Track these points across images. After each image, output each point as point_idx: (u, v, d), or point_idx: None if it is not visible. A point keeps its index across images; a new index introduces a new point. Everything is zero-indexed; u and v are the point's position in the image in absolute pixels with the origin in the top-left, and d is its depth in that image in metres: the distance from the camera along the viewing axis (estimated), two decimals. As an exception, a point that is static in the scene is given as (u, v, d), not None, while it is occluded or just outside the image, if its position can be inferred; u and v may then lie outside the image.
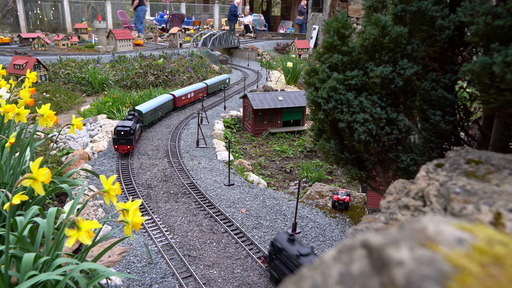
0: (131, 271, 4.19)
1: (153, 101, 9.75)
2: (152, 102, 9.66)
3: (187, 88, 11.97)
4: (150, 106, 9.34)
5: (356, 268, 0.63)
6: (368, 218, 1.74)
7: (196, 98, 12.22)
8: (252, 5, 35.87)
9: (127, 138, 7.32)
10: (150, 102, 9.60)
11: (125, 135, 7.28)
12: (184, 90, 11.62)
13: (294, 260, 3.67)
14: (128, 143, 7.33)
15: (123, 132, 7.23)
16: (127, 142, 7.33)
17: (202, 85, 12.70)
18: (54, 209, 3.23)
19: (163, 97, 10.40)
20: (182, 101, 11.42)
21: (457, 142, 3.22)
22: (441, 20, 2.86)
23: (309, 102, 3.49)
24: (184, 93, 11.47)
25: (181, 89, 11.68)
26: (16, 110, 3.59)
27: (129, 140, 7.32)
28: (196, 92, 12.15)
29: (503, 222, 1.16)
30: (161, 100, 10.03)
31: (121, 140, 7.25)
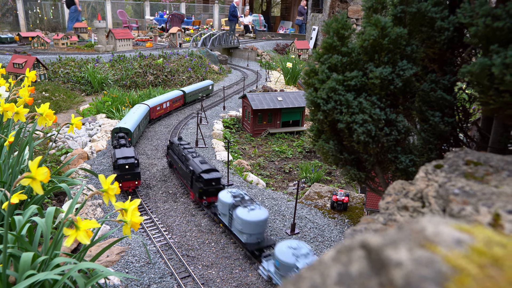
0: (130, 271, 4.19)
1: (133, 114, 8.34)
2: (133, 116, 8.24)
3: (162, 96, 10.31)
4: (134, 121, 7.98)
5: (355, 268, 0.63)
6: (367, 219, 1.74)
7: (172, 108, 10.60)
8: (252, 6, 35.88)
9: (134, 172, 5.89)
10: (132, 116, 8.21)
11: (131, 169, 5.84)
12: (158, 99, 9.98)
13: (178, 151, 6.29)
14: (135, 177, 5.92)
15: (127, 165, 5.76)
16: (134, 176, 5.90)
17: (178, 93, 11.04)
18: (53, 209, 3.22)
19: (141, 108, 8.93)
20: (157, 112, 9.79)
21: (456, 143, 3.22)
22: (440, 21, 2.87)
23: (308, 102, 3.49)
24: (159, 103, 9.80)
25: (156, 98, 10.02)
26: (15, 109, 3.58)
27: (136, 174, 5.91)
28: (172, 101, 10.55)
29: (501, 223, 1.16)
30: (141, 113, 8.65)
31: (126, 175, 5.79)
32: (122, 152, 6.08)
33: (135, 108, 8.85)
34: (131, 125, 7.67)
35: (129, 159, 5.89)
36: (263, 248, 4.52)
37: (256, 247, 4.48)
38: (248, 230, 4.49)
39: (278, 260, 3.86)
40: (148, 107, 9.22)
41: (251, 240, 4.52)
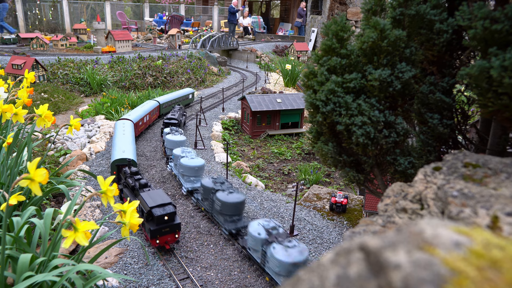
0: (128, 272, 4.18)
1: (124, 136, 6.95)
2: (126, 138, 6.87)
3: (140, 109, 8.98)
4: (130, 144, 6.69)
5: (354, 271, 0.63)
6: (366, 221, 1.74)
7: (150, 121, 9.39)
8: (251, 7, 35.94)
9: (174, 223, 4.52)
10: (126, 139, 6.82)
11: (171, 219, 4.50)
12: (138, 112, 8.69)
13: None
14: (175, 228, 4.52)
15: (167, 216, 4.44)
16: (174, 228, 4.52)
17: (153, 104, 9.66)
18: (51, 210, 3.22)
19: (127, 126, 7.56)
20: (140, 128, 8.59)
21: (455, 145, 3.23)
22: (439, 24, 2.87)
23: (307, 104, 3.50)
24: (141, 117, 8.61)
25: (136, 112, 8.68)
26: (14, 110, 3.58)
27: (176, 225, 4.53)
28: (151, 113, 9.36)
29: (500, 225, 1.16)
30: (130, 131, 7.36)
31: (164, 228, 4.42)
32: (152, 197, 4.63)
33: (121, 127, 7.41)
34: (131, 152, 6.38)
35: (166, 206, 4.51)
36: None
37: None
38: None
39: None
40: (132, 123, 7.88)
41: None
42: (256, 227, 4.24)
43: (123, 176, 5.52)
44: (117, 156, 6.12)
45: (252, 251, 4.32)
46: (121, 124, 7.68)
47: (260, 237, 4.12)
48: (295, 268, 3.77)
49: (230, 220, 4.94)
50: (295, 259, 3.76)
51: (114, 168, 5.96)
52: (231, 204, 4.88)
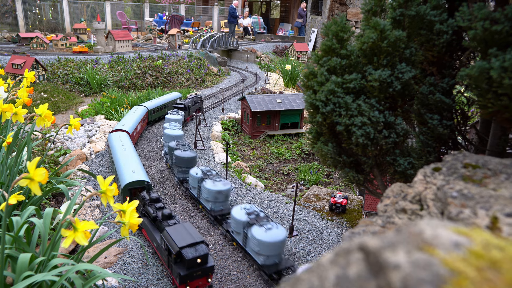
0: (127, 272, 4.18)
1: (126, 151, 6.07)
2: (130, 153, 6.02)
3: (132, 117, 8.11)
4: (137, 161, 5.84)
5: (353, 271, 0.63)
6: (365, 221, 1.74)
7: (141, 130, 8.74)
8: (251, 8, 35.94)
9: (207, 266, 3.82)
10: (129, 154, 5.97)
11: (204, 261, 3.79)
12: (132, 121, 7.91)
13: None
14: (207, 272, 3.84)
15: (200, 258, 3.74)
16: (206, 271, 3.83)
17: (143, 110, 8.79)
18: (51, 210, 3.21)
19: (125, 138, 6.68)
20: (135, 139, 7.93)
21: (455, 146, 3.23)
22: (439, 24, 2.88)
23: (307, 105, 3.50)
24: (135, 126, 7.85)
25: (129, 120, 7.92)
26: (13, 109, 3.58)
27: (210, 268, 3.83)
28: (141, 121, 8.59)
29: (499, 226, 1.16)
30: (130, 144, 6.47)
31: (195, 272, 3.75)
32: (181, 234, 3.86)
33: (119, 141, 6.47)
34: (142, 171, 5.45)
35: (198, 246, 3.77)
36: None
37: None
38: None
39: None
40: (128, 135, 7.10)
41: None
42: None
43: (141, 202, 4.79)
44: (129, 178, 5.13)
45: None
46: (117, 137, 6.67)
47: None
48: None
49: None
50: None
51: (127, 192, 5.05)
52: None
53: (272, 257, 4.12)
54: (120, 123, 7.71)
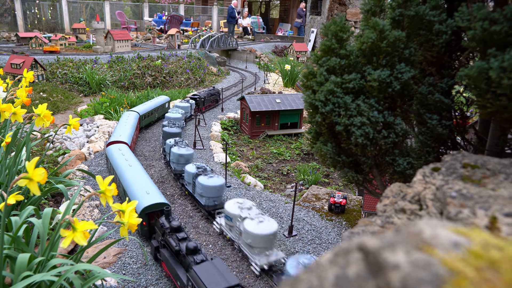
0: (127, 272, 4.17)
1: (133, 167, 5.44)
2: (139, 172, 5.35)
3: (126, 126, 7.39)
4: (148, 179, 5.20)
5: (352, 271, 0.63)
6: (365, 221, 1.74)
7: (137, 137, 8.25)
8: (250, 8, 35.94)
9: None
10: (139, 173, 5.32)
11: None
12: (128, 131, 7.20)
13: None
14: None
15: None
16: None
17: (134, 116, 8.13)
18: (50, 210, 3.21)
19: (128, 154, 5.95)
20: (132, 149, 7.16)
21: (454, 146, 3.23)
22: (438, 25, 2.88)
23: (306, 105, 3.50)
24: (132, 135, 7.24)
25: (124, 130, 7.16)
26: (12, 109, 3.58)
27: None
28: (136, 129, 8.05)
29: (498, 226, 1.16)
30: (134, 158, 5.88)
31: None
32: (212, 276, 3.25)
33: (120, 155, 5.83)
34: (156, 190, 4.87)
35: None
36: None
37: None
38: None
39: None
40: (128, 146, 6.48)
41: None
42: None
43: (160, 230, 4.18)
44: (146, 201, 4.49)
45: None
46: (117, 151, 5.98)
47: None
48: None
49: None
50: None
51: (144, 217, 4.42)
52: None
53: (212, 199, 5.22)
54: (116, 133, 6.94)
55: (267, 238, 4.18)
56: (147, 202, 4.49)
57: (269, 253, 4.26)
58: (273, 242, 4.29)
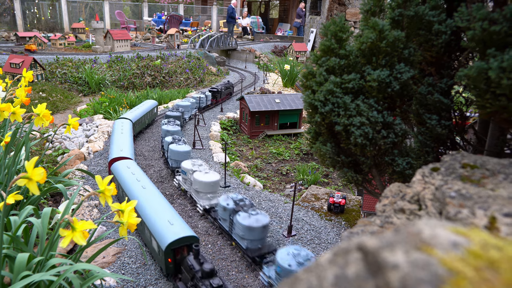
0: (126, 272, 4.17)
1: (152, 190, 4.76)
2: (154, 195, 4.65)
3: (123, 137, 6.81)
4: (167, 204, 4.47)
5: (352, 271, 0.63)
6: (364, 221, 1.74)
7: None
8: (250, 8, 35.93)
9: None
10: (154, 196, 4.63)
11: None
12: (126, 142, 6.62)
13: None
14: None
15: None
16: None
17: (128, 125, 7.59)
18: (49, 209, 3.21)
19: (138, 172, 5.30)
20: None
21: (453, 146, 3.24)
22: (438, 25, 2.88)
23: (306, 105, 3.50)
24: (132, 148, 6.63)
25: (124, 142, 6.55)
26: (11, 109, 3.57)
27: None
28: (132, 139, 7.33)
29: (497, 226, 1.16)
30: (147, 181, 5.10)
31: None
32: None
33: (129, 173, 5.21)
34: (179, 219, 4.18)
35: None
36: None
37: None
38: None
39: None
40: (135, 162, 5.86)
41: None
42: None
43: (188, 273, 3.63)
44: (171, 234, 3.85)
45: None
46: (125, 168, 5.36)
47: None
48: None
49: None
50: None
51: (169, 253, 3.81)
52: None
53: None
54: (116, 147, 6.30)
55: (209, 185, 5.28)
56: (172, 236, 3.84)
57: (211, 196, 5.41)
58: (215, 188, 5.40)
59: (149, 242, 4.27)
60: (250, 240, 4.35)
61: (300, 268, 3.49)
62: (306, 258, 3.61)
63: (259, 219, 4.33)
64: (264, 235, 4.38)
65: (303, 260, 3.57)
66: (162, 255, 3.84)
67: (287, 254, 3.63)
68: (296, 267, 3.50)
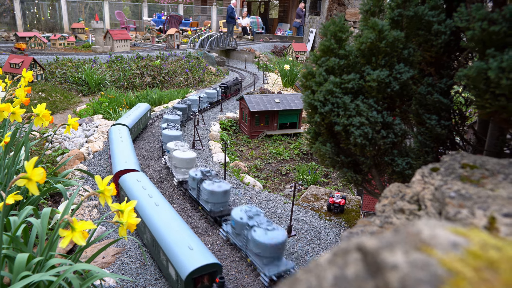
0: (125, 272, 4.17)
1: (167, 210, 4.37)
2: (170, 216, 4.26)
3: (125, 146, 6.44)
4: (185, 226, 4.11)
5: (351, 271, 0.63)
6: (363, 222, 1.74)
7: None
8: (249, 8, 35.93)
9: None
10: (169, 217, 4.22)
11: None
12: (128, 152, 6.25)
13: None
14: None
15: None
16: None
17: (126, 132, 7.19)
18: (49, 209, 3.21)
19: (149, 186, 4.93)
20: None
21: (453, 146, 3.24)
22: (437, 25, 2.88)
23: (305, 105, 3.50)
24: (136, 157, 6.30)
25: (125, 152, 6.16)
26: (11, 109, 3.57)
27: None
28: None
29: (497, 226, 1.16)
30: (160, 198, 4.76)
31: None
32: None
33: (141, 188, 4.82)
34: (200, 244, 3.84)
35: None
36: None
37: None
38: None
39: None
40: (144, 174, 5.56)
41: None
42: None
43: None
44: (192, 262, 3.51)
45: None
46: (135, 183, 4.94)
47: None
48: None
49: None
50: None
51: (190, 283, 3.47)
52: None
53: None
54: (120, 159, 5.91)
55: (185, 161, 5.98)
56: (193, 264, 3.49)
57: (185, 171, 6.03)
58: (190, 165, 6.01)
59: (164, 267, 3.92)
60: (213, 203, 5.07)
61: (250, 221, 4.21)
62: (255, 213, 4.35)
63: (221, 185, 5.09)
64: (225, 199, 5.11)
65: (253, 214, 4.30)
66: (182, 285, 3.46)
67: (240, 210, 4.40)
68: (246, 220, 4.23)
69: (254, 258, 4.17)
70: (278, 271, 4.02)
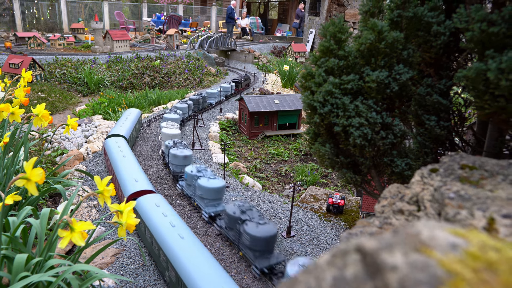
0: (124, 273, 4.17)
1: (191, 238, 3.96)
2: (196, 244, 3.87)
3: (131, 163, 5.83)
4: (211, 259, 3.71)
5: (350, 272, 0.63)
6: (363, 222, 1.74)
7: None
8: (249, 8, 35.94)
9: None
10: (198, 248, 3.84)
11: None
12: (136, 168, 5.66)
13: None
14: None
15: None
16: None
17: (125, 144, 6.61)
18: (48, 210, 3.20)
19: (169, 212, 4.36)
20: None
21: (452, 147, 3.24)
22: (437, 26, 2.88)
23: (305, 105, 3.50)
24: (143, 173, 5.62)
25: (133, 171, 5.53)
26: (10, 109, 3.57)
27: None
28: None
29: (496, 227, 1.17)
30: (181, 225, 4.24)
31: None
32: None
33: (161, 216, 4.27)
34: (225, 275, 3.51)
35: None
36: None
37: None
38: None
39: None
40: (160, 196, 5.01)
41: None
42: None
43: None
44: None
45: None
46: (155, 209, 4.38)
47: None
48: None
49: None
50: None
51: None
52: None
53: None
54: (129, 178, 5.30)
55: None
56: None
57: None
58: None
59: None
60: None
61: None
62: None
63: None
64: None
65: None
66: None
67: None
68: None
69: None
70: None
